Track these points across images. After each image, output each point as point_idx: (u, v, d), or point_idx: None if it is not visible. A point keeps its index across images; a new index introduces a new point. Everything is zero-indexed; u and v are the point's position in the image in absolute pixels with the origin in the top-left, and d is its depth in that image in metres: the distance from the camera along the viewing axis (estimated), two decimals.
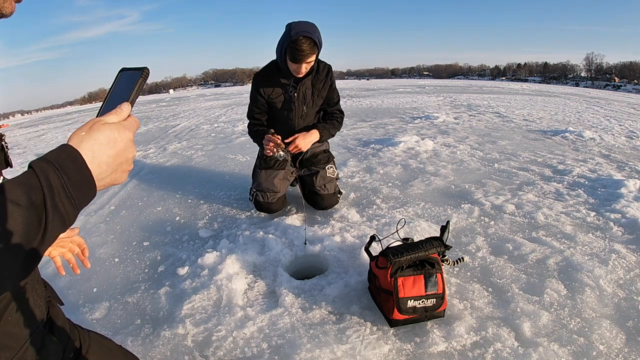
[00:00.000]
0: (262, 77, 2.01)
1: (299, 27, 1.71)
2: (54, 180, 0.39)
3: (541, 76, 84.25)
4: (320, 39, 1.77)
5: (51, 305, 0.67)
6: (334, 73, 2.08)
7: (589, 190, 2.52)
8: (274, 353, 1.20)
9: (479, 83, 29.81)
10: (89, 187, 0.43)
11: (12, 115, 48.54)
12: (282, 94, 2.01)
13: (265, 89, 2.01)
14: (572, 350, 1.16)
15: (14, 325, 0.53)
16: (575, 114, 7.28)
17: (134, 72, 0.52)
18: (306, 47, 1.71)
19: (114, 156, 0.46)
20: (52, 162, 0.40)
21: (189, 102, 15.08)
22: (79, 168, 0.42)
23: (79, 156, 0.42)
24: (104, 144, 0.45)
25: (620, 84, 64.87)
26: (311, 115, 2.13)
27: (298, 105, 2.03)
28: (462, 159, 3.41)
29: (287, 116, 2.07)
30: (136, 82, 0.51)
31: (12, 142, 8.18)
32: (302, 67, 1.80)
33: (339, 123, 2.16)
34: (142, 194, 2.84)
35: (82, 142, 0.43)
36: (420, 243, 1.32)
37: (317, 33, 1.75)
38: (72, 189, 0.41)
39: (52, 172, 0.40)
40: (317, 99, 2.06)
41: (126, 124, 0.48)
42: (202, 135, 5.48)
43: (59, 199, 0.40)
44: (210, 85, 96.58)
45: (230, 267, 1.64)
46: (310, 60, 1.78)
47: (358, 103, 9.84)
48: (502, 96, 12.14)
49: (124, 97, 0.50)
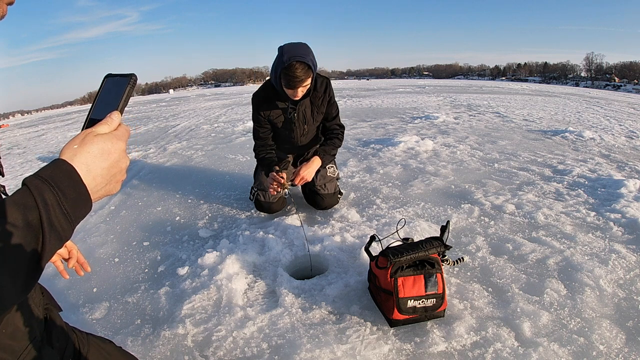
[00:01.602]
0: (261, 100, 2.00)
1: (291, 51, 1.68)
2: (50, 199, 0.39)
3: (541, 76, 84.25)
4: (313, 60, 1.74)
5: (49, 311, 0.65)
6: (332, 87, 2.04)
7: (589, 190, 2.52)
8: (274, 353, 1.20)
9: (479, 83, 29.81)
10: (84, 203, 0.42)
11: (12, 115, 48.54)
12: (281, 114, 2.01)
13: (265, 112, 2.00)
14: (572, 350, 1.16)
15: (9, 338, 0.52)
16: (575, 114, 7.28)
17: (121, 79, 0.50)
18: (300, 73, 1.69)
19: (108, 168, 0.45)
20: (47, 179, 0.39)
21: (189, 102, 15.08)
22: (75, 184, 0.41)
23: (74, 171, 0.41)
24: (98, 156, 0.44)
25: (620, 84, 64.87)
26: (312, 132, 2.14)
27: (299, 125, 2.04)
28: (462, 159, 3.41)
29: (289, 135, 2.09)
30: (124, 89, 0.49)
31: (12, 142, 8.19)
32: (297, 91, 1.78)
33: (340, 140, 2.13)
34: (142, 194, 2.84)
35: (76, 156, 0.43)
36: (420, 243, 1.32)
37: (309, 55, 1.71)
38: (68, 205, 0.40)
39: (47, 190, 0.39)
40: (317, 115, 2.05)
41: (118, 133, 0.47)
42: (202, 135, 5.48)
43: (55, 217, 0.39)
44: (210, 85, 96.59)
45: (230, 267, 1.64)
46: (305, 84, 1.76)
47: (358, 103, 9.84)
48: (502, 96, 12.14)
49: (112, 105, 0.48)
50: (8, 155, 6.13)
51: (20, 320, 0.54)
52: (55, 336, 0.62)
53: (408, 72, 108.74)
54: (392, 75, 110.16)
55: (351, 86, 23.39)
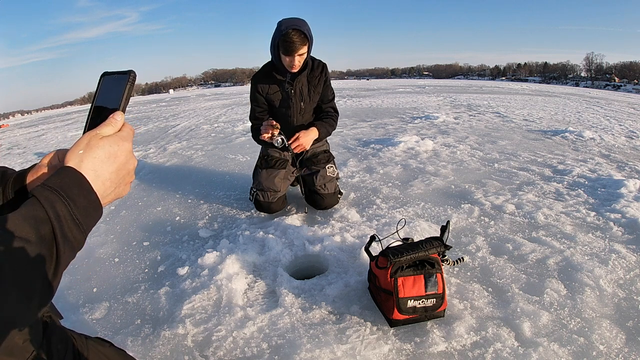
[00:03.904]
0: (259, 76, 2.09)
1: (288, 22, 1.81)
2: (61, 210, 0.37)
3: (541, 76, 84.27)
4: (309, 32, 1.85)
5: (49, 319, 0.63)
6: (329, 71, 2.14)
7: (589, 190, 2.52)
8: (274, 353, 1.20)
9: (479, 83, 29.81)
10: (95, 210, 0.41)
11: (12, 115, 48.55)
12: (279, 90, 2.08)
13: (263, 86, 2.08)
14: (572, 350, 1.16)
15: (6, 355, 0.50)
16: (575, 114, 7.28)
17: (119, 76, 0.47)
18: (297, 39, 1.79)
19: (116, 171, 0.44)
20: (57, 189, 0.38)
21: (189, 102, 15.08)
22: (85, 192, 0.40)
23: (83, 179, 0.40)
24: (105, 160, 0.42)
25: (620, 84, 64.87)
26: (309, 112, 2.19)
27: (295, 101, 2.09)
28: (462, 159, 3.41)
29: (286, 113, 2.13)
30: (124, 87, 0.46)
31: (12, 142, 8.19)
32: (295, 59, 1.86)
33: (334, 122, 2.22)
34: (142, 194, 2.84)
35: (83, 162, 0.41)
36: (420, 243, 1.32)
37: (306, 26, 1.83)
38: (79, 215, 0.39)
39: (58, 200, 0.38)
40: (314, 94, 2.12)
41: (123, 134, 0.45)
42: (202, 135, 5.48)
43: (68, 228, 0.38)
44: (210, 85, 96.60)
45: (230, 267, 1.64)
46: (302, 52, 1.85)
47: (358, 103, 9.83)
48: (502, 96, 12.14)
49: (113, 105, 0.46)
50: (8, 155, 6.14)
51: (19, 336, 0.52)
52: (54, 346, 0.60)
53: (408, 72, 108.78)
54: (392, 75, 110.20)
55: (351, 86, 23.38)
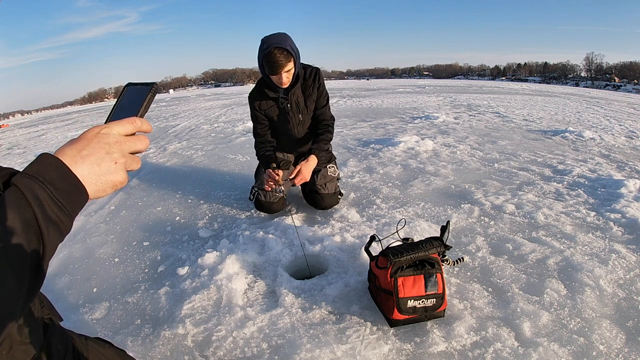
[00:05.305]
0: (255, 95, 2.10)
1: (270, 40, 1.78)
2: (41, 194, 0.38)
3: (541, 76, 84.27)
4: (292, 46, 1.82)
5: (49, 322, 0.63)
6: (322, 75, 2.10)
7: (589, 190, 2.52)
8: (274, 353, 1.20)
9: (479, 83, 29.82)
10: (78, 192, 0.42)
11: (12, 115, 48.55)
12: (275, 106, 2.07)
13: (260, 104, 2.08)
14: (572, 350, 1.16)
15: (9, 358, 0.50)
16: (575, 114, 7.28)
17: (142, 88, 0.51)
18: (280, 57, 1.76)
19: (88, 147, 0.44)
20: (34, 175, 0.39)
21: (189, 102, 15.08)
22: (64, 175, 0.41)
23: (60, 163, 0.41)
24: (76, 141, 0.44)
25: (620, 84, 64.87)
26: (308, 122, 2.18)
27: (293, 114, 2.09)
28: (462, 159, 3.41)
29: (286, 127, 2.14)
30: (145, 97, 0.50)
31: (12, 142, 8.19)
32: (282, 76, 1.84)
33: (330, 133, 2.18)
34: (142, 194, 2.84)
35: (62, 149, 0.43)
36: (420, 243, 1.32)
37: (288, 41, 1.80)
38: (61, 197, 0.40)
39: (36, 186, 0.38)
40: (310, 103, 2.10)
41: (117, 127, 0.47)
42: (202, 135, 5.48)
43: (51, 211, 0.39)
44: (210, 85, 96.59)
45: (230, 267, 1.63)
46: (287, 68, 1.82)
47: (358, 103, 9.83)
48: (502, 96, 12.14)
49: (131, 112, 0.49)
50: (8, 155, 6.14)
51: (18, 342, 0.52)
52: (54, 347, 0.61)
53: (408, 72, 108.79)
54: (392, 75, 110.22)
55: (351, 86, 23.39)
